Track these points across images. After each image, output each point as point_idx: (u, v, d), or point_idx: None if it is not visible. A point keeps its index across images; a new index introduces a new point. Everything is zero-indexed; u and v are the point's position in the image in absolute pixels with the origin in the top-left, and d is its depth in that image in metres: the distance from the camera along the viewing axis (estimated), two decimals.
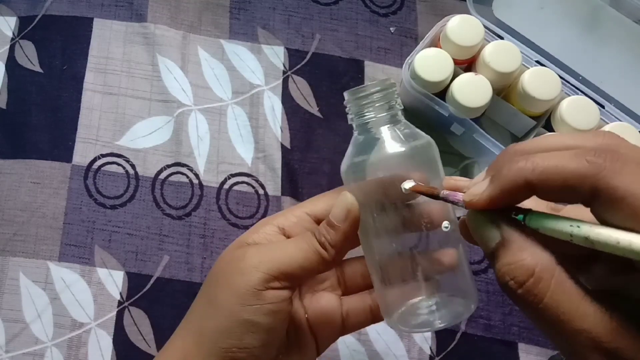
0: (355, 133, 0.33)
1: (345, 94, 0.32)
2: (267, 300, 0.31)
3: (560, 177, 0.22)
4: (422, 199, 0.31)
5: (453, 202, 0.28)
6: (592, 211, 0.23)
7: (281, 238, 0.34)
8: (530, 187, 0.23)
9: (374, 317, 0.37)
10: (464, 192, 0.27)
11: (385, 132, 0.32)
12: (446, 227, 0.31)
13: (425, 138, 0.32)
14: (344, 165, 0.33)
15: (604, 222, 0.22)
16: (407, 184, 0.30)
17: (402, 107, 0.33)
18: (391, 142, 0.31)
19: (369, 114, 0.32)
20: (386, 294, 0.32)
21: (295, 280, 0.32)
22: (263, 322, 0.31)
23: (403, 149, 0.31)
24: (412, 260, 0.31)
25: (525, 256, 0.23)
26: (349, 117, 0.33)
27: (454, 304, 0.31)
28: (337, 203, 0.32)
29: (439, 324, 0.31)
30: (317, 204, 0.35)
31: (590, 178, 0.21)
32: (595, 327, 0.22)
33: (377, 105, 0.32)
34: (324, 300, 0.36)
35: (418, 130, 0.33)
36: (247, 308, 0.31)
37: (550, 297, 0.22)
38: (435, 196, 0.29)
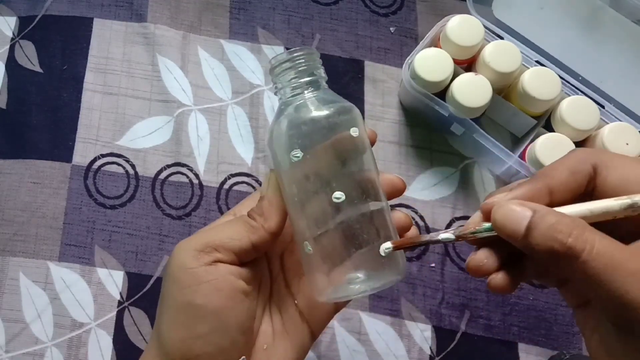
0: (280, 102, 0.33)
1: (270, 61, 0.33)
2: (202, 279, 0.30)
3: (567, 168, 0.27)
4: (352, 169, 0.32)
5: (440, 241, 0.29)
6: (594, 189, 0.27)
7: None
8: (550, 190, 0.27)
9: None
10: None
11: (307, 96, 0.32)
12: (386, 250, 0.31)
13: (347, 103, 0.33)
14: (268, 133, 0.33)
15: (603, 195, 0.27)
16: (387, 245, 0.31)
17: (326, 77, 0.33)
18: (313, 105, 0.32)
19: (293, 79, 0.32)
20: (315, 273, 0.32)
21: (228, 252, 0.31)
22: (205, 303, 0.30)
23: (326, 112, 0.31)
24: (338, 236, 0.31)
25: (561, 216, 0.25)
26: (274, 86, 0.33)
27: (380, 275, 0.32)
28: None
29: (365, 292, 0.32)
30: None
31: (590, 159, 0.27)
32: None
33: (299, 69, 0.32)
34: None
35: (341, 98, 0.33)
36: (185, 291, 0.30)
37: (600, 242, 0.24)
38: (421, 244, 0.31)
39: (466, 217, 0.52)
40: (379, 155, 0.54)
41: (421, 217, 0.52)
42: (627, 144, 0.47)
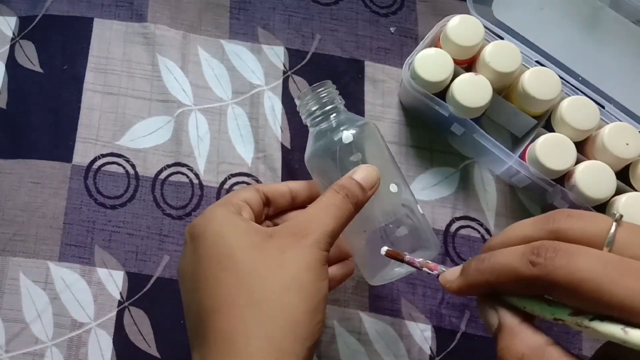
0: (311, 129, 0.42)
1: (297, 100, 0.42)
2: (325, 276, 0.34)
3: (513, 279, 0.26)
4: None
5: (415, 267, 0.34)
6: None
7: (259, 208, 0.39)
8: (491, 285, 0.27)
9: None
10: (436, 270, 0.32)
11: (332, 121, 0.41)
12: (394, 190, 0.39)
13: (364, 120, 0.41)
14: (307, 155, 0.41)
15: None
16: (383, 249, 0.37)
17: (344, 102, 0.42)
18: (339, 127, 0.40)
19: (319, 110, 0.41)
20: (366, 261, 0.40)
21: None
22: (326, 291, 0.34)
23: (353, 130, 0.39)
24: (381, 232, 0.38)
25: (515, 341, 0.26)
26: (303, 117, 0.42)
27: (417, 255, 0.36)
28: (368, 171, 0.37)
29: (403, 273, 0.40)
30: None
31: (537, 278, 0.24)
32: None
33: (323, 102, 0.41)
34: None
35: (358, 116, 0.42)
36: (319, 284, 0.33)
37: None
38: (400, 260, 0.35)
39: (466, 217, 0.52)
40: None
41: None
42: (627, 144, 0.47)
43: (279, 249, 0.33)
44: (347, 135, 0.39)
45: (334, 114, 0.41)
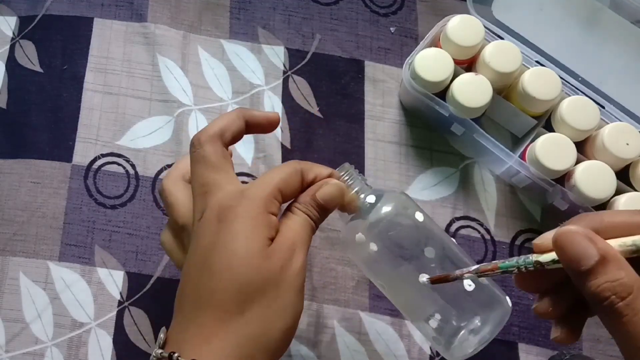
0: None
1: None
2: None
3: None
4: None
5: (464, 277, 0.33)
6: None
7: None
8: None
9: None
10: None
11: (370, 199, 0.38)
12: (470, 285, 0.36)
13: (392, 191, 0.39)
14: (351, 238, 0.38)
15: None
16: (423, 278, 0.35)
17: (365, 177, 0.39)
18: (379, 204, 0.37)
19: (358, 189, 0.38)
20: (437, 337, 0.36)
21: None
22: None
23: (389, 208, 0.37)
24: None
25: (623, 275, 0.26)
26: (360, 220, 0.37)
27: (492, 316, 0.35)
28: (330, 189, 0.36)
29: (489, 337, 0.35)
30: None
31: None
32: None
33: (358, 180, 0.38)
34: None
35: (382, 188, 0.41)
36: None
37: None
38: (451, 279, 0.34)
39: (466, 217, 0.52)
40: (379, 155, 0.54)
41: None
42: (627, 144, 0.47)
43: (280, 265, 0.33)
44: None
45: (368, 193, 0.38)
